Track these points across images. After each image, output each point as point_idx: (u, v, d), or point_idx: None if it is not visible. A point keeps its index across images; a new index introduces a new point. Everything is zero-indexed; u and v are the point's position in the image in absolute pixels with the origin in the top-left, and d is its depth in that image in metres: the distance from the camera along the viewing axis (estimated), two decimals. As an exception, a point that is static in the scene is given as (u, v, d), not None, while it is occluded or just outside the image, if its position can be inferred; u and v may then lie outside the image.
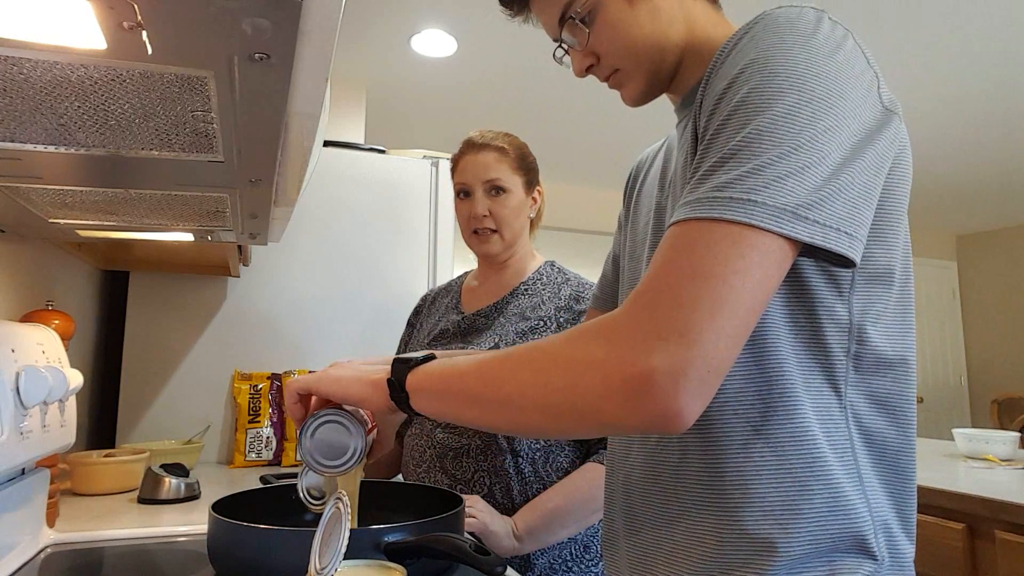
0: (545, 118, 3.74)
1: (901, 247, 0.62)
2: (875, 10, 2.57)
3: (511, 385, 0.56)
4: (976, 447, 2.08)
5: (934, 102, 3.45)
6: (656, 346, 0.48)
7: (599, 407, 0.50)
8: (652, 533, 0.67)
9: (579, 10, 0.70)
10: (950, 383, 6.14)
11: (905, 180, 0.62)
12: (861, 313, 0.60)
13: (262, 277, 1.94)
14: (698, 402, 0.49)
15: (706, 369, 0.48)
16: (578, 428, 0.53)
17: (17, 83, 0.49)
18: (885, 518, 0.60)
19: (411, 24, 2.73)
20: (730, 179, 0.52)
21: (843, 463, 0.59)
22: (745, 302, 0.49)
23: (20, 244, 1.24)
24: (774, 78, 0.55)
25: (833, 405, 0.60)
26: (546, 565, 1.13)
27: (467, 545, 0.68)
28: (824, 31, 0.57)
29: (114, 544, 0.97)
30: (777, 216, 0.50)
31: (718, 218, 0.51)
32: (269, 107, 0.55)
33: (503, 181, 1.25)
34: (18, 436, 0.79)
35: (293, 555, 0.69)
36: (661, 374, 0.48)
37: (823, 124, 0.53)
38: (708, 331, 0.48)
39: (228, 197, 0.85)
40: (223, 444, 1.84)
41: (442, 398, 0.62)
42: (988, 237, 6.27)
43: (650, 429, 0.50)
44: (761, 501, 0.59)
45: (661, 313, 0.49)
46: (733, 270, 0.49)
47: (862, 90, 0.56)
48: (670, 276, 0.51)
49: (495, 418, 0.58)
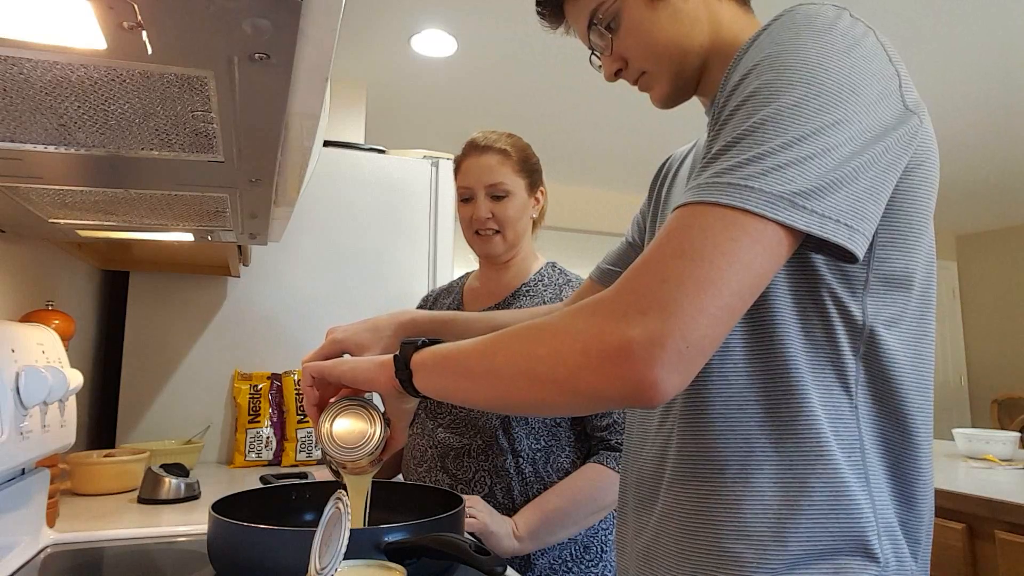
0: (545, 118, 3.74)
1: (924, 253, 0.62)
2: (875, 10, 2.57)
3: (502, 355, 0.57)
4: (976, 447, 2.08)
5: (934, 102, 3.44)
6: (636, 319, 0.49)
7: (578, 375, 0.51)
8: (657, 528, 0.67)
9: (602, 16, 0.73)
10: (950, 383, 6.14)
11: (929, 184, 0.61)
12: (874, 315, 0.59)
13: (262, 277, 1.94)
14: (675, 376, 0.49)
15: (684, 343, 0.48)
16: (559, 399, 0.53)
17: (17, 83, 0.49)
18: (891, 522, 0.59)
19: (411, 24, 2.73)
20: (731, 166, 0.53)
21: (851, 463, 0.58)
22: (731, 284, 0.50)
23: (20, 244, 1.24)
24: (785, 71, 0.55)
25: (843, 404, 0.59)
26: (546, 565, 1.13)
27: (467, 545, 0.68)
28: (841, 27, 0.57)
29: (114, 544, 0.97)
30: (772, 203, 0.51)
31: (714, 202, 0.52)
32: (269, 107, 0.55)
33: (506, 185, 1.25)
34: (18, 436, 0.79)
35: (293, 555, 0.69)
36: (638, 344, 0.48)
37: (831, 117, 0.53)
38: (689, 307, 0.49)
39: (228, 197, 0.85)
40: (223, 444, 1.84)
41: (442, 374, 0.64)
42: (988, 237, 6.27)
43: (627, 400, 0.50)
44: (761, 497, 0.59)
45: (646, 289, 0.51)
46: (721, 252, 0.50)
47: (878, 88, 0.56)
48: (660, 255, 0.52)
49: (486, 390, 0.59)
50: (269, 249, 1.95)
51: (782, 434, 0.59)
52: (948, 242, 6.49)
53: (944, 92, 3.33)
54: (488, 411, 0.65)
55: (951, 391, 6.13)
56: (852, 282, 0.59)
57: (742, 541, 0.59)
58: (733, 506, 0.60)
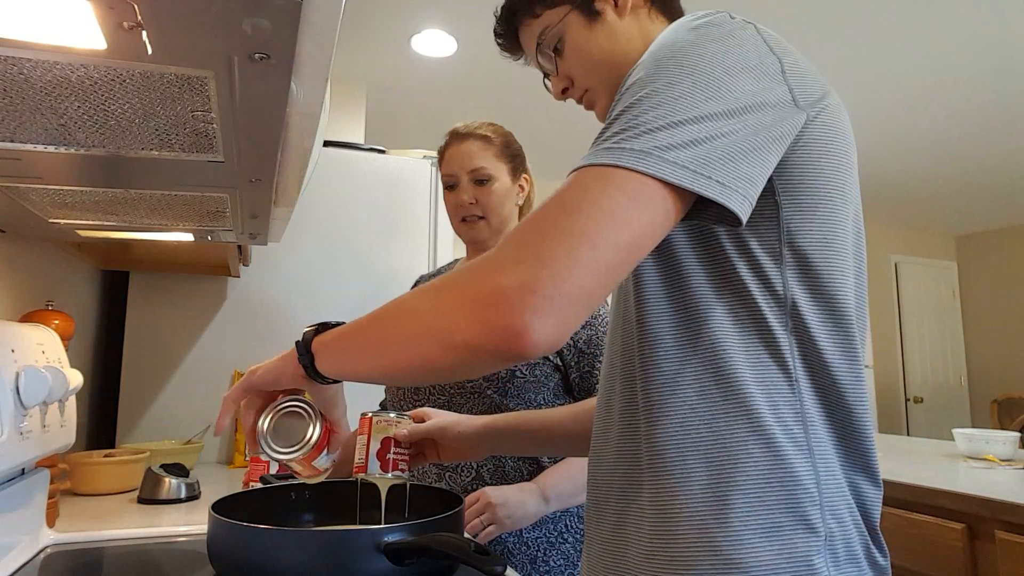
0: (545, 118, 3.74)
1: (841, 226, 0.63)
2: (875, 10, 2.57)
3: (392, 320, 0.58)
4: (976, 447, 2.08)
5: (934, 102, 3.45)
6: (511, 268, 0.51)
7: (454, 325, 0.52)
8: (606, 521, 0.68)
9: (547, 39, 0.79)
10: (950, 383, 6.14)
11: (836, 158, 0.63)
12: (795, 288, 0.61)
13: (262, 277, 1.94)
14: (547, 324, 0.49)
15: (556, 290, 0.49)
16: (439, 354, 0.54)
17: (17, 83, 0.49)
18: (842, 493, 0.59)
19: (411, 24, 2.73)
20: (608, 135, 0.57)
21: (790, 437, 0.59)
22: (607, 236, 0.51)
23: (20, 244, 1.24)
24: (659, 59, 0.59)
25: (779, 379, 0.60)
26: (541, 538, 1.14)
27: (467, 545, 0.68)
28: (716, 21, 0.62)
29: (114, 544, 0.97)
30: (642, 158, 0.53)
31: (590, 164, 0.55)
32: (269, 107, 0.55)
33: (488, 169, 1.26)
34: (18, 436, 0.79)
35: (293, 555, 0.69)
36: (509, 289, 0.50)
37: (702, 94, 0.56)
38: (562, 256, 0.50)
39: (228, 197, 0.85)
40: (223, 444, 1.84)
41: (341, 352, 0.64)
42: (988, 237, 6.27)
43: (500, 349, 0.50)
44: (697, 477, 0.59)
45: (524, 242, 0.52)
46: (599, 207, 0.52)
47: (752, 68, 0.59)
48: (541, 212, 0.54)
49: (378, 359, 0.59)
50: (269, 249, 1.95)
51: (714, 414, 0.60)
52: (948, 242, 6.49)
53: (943, 92, 3.33)
54: (388, 384, 0.65)
55: (951, 391, 6.12)
56: (768, 256, 0.61)
57: (684, 523, 0.59)
58: (674, 488, 0.60)
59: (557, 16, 0.78)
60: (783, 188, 0.61)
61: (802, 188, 0.61)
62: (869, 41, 2.81)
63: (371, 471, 0.82)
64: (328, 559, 0.69)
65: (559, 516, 1.17)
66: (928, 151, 4.21)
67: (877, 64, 3.02)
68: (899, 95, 3.36)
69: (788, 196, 0.61)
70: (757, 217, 0.61)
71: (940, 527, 1.63)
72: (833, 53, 2.92)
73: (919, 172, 4.64)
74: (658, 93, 0.57)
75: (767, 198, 0.61)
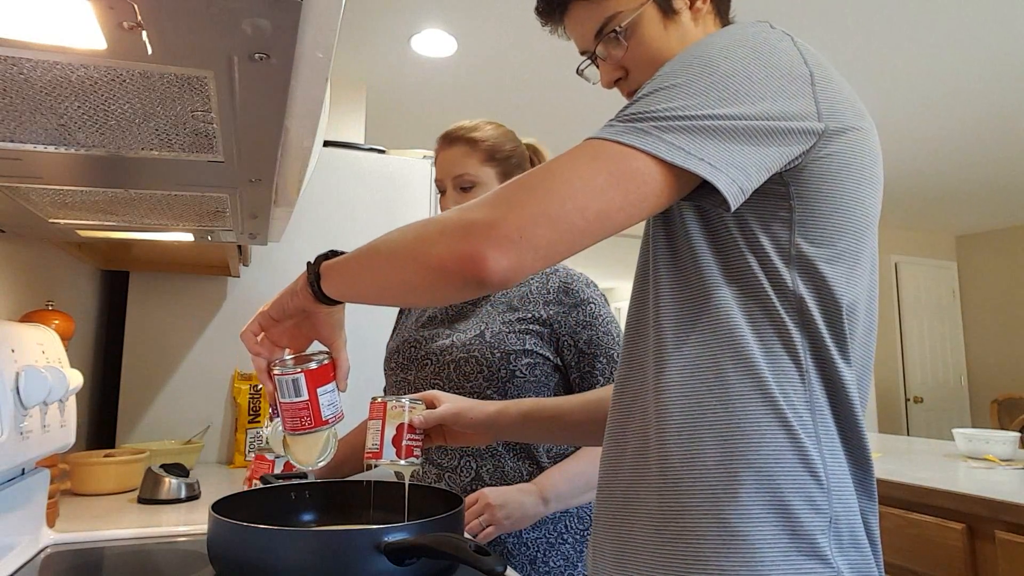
0: (545, 118, 3.74)
1: (858, 243, 0.65)
2: (875, 10, 2.57)
3: (386, 245, 0.64)
4: (976, 447, 2.08)
5: (934, 102, 3.45)
6: (486, 209, 0.57)
7: (431, 249, 0.58)
8: (615, 498, 0.69)
9: (619, 27, 0.76)
10: (950, 383, 6.13)
11: (853, 172, 0.64)
12: (804, 286, 0.63)
13: (262, 277, 1.94)
14: (503, 258, 0.55)
15: (517, 233, 0.55)
16: (416, 276, 0.60)
17: (17, 83, 0.49)
18: (844, 481, 0.61)
19: (411, 24, 2.73)
20: (619, 116, 0.60)
21: (800, 422, 0.61)
22: (579, 199, 0.56)
23: (20, 244, 1.24)
24: (690, 57, 0.62)
25: (790, 369, 0.62)
26: (541, 539, 1.14)
27: (467, 545, 0.68)
28: (751, 29, 0.63)
29: (114, 544, 0.97)
30: (625, 132, 0.58)
31: (595, 137, 0.59)
32: (269, 107, 0.55)
33: (471, 175, 1.24)
34: (18, 436, 0.79)
35: (293, 555, 0.69)
36: (478, 224, 0.56)
37: (718, 95, 0.58)
38: (532, 206, 0.56)
39: (228, 197, 0.85)
40: (223, 444, 1.84)
41: (343, 272, 0.69)
42: (988, 237, 6.27)
43: (461, 272, 0.56)
44: (711, 452, 0.61)
45: (505, 192, 0.58)
46: (580, 175, 0.57)
47: (780, 79, 0.60)
48: (531, 172, 0.59)
49: (372, 278, 0.65)
50: (269, 249, 1.95)
51: (731, 395, 0.62)
52: (948, 242, 6.49)
53: (943, 92, 3.33)
54: (380, 304, 0.69)
55: (951, 391, 6.12)
56: (779, 255, 0.63)
57: (695, 496, 0.61)
58: (685, 463, 0.62)
59: (634, 4, 0.75)
60: (798, 193, 0.63)
61: (819, 196, 0.63)
62: (872, 44, 2.81)
63: (387, 457, 0.82)
64: (328, 559, 0.69)
65: (559, 517, 1.16)
66: (928, 151, 4.21)
67: (879, 66, 3.02)
68: (900, 97, 3.36)
69: (803, 202, 0.63)
70: (770, 218, 0.63)
71: (940, 527, 1.63)
72: (836, 55, 2.92)
73: (919, 172, 4.63)
74: (676, 87, 0.59)
75: (782, 201, 0.63)
